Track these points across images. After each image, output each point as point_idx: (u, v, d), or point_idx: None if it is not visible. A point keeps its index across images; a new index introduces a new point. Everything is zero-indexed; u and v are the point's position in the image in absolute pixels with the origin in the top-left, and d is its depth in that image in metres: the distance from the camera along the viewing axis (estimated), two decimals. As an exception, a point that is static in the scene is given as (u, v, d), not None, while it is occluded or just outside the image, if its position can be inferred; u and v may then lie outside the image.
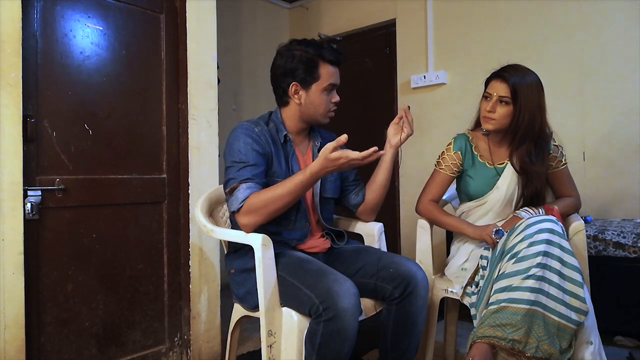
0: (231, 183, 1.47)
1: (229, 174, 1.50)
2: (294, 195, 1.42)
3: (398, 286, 1.49)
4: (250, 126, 1.55)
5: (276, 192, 1.41)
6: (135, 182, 1.94)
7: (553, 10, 2.67)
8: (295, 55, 1.54)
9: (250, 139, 1.52)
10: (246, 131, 1.53)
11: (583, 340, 1.40)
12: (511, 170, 1.70)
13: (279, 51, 1.59)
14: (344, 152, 1.33)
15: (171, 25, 2.07)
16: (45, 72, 1.70)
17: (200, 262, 2.11)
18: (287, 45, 1.59)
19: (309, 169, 1.39)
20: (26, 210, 1.62)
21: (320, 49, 1.54)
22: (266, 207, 1.42)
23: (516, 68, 1.66)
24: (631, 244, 2.03)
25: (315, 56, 1.54)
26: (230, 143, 1.54)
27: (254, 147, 1.51)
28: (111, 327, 1.87)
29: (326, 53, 1.54)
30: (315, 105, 1.57)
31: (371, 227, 1.82)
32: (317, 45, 1.56)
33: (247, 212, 1.43)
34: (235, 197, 1.45)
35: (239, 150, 1.50)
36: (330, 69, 1.56)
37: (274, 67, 1.59)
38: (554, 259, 1.39)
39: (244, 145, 1.51)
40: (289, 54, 1.55)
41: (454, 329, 1.96)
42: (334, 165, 1.36)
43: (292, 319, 1.40)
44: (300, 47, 1.55)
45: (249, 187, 1.45)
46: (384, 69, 3.49)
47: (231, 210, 1.47)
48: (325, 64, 1.55)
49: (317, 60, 1.54)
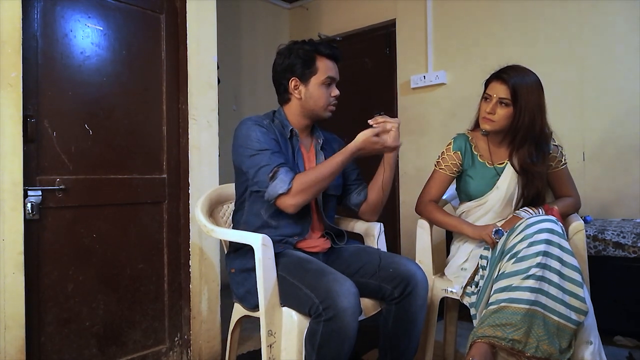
0: (268, 169, 1.48)
1: (260, 161, 1.50)
2: (335, 174, 1.51)
3: (398, 286, 1.49)
4: (259, 119, 1.60)
5: (322, 172, 1.49)
6: (135, 182, 1.94)
7: (553, 10, 2.67)
8: (293, 52, 1.60)
9: (264, 128, 1.56)
10: (256, 123, 1.57)
11: (583, 340, 1.40)
12: (511, 170, 1.71)
13: (279, 51, 1.66)
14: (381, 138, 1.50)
15: (171, 25, 2.08)
16: (45, 72, 1.70)
17: (200, 262, 2.11)
18: (286, 46, 1.65)
19: (348, 150, 1.50)
20: (26, 210, 1.62)
21: (316, 45, 1.61)
22: (315, 185, 1.48)
23: (516, 69, 1.66)
24: (631, 244, 2.03)
25: (312, 51, 1.59)
26: (243, 135, 1.55)
27: (270, 136, 1.55)
28: (111, 327, 1.87)
29: (322, 48, 1.60)
30: (314, 98, 1.60)
31: (371, 227, 1.82)
32: (314, 42, 1.62)
33: (297, 192, 1.46)
34: (281, 180, 1.46)
35: (259, 140, 1.52)
36: (328, 62, 1.61)
37: (275, 66, 1.65)
38: (554, 258, 1.40)
39: (261, 135, 1.53)
40: (287, 53, 1.61)
41: (454, 328, 1.96)
42: (371, 148, 1.49)
43: (292, 318, 1.41)
44: (297, 45, 1.62)
45: (289, 170, 1.49)
46: (384, 69, 3.49)
47: (279, 192, 1.46)
48: (322, 57, 1.60)
49: (314, 54, 1.59)
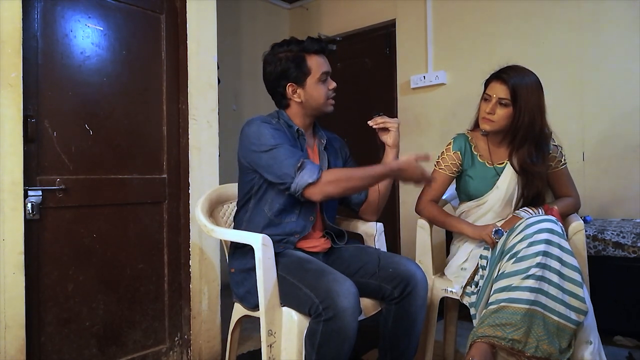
0: (293, 160, 1.46)
1: (282, 154, 1.47)
2: (366, 181, 1.50)
3: (397, 286, 1.49)
4: (266, 118, 1.59)
5: (353, 172, 1.49)
6: (135, 182, 1.94)
7: (553, 10, 2.67)
8: (282, 57, 1.58)
9: (273, 126, 1.55)
10: (265, 121, 1.56)
11: (582, 340, 1.40)
12: (511, 170, 1.71)
13: (265, 60, 1.63)
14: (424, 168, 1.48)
15: (171, 25, 2.08)
16: (45, 73, 1.70)
17: (200, 262, 2.11)
18: (270, 52, 1.62)
19: (388, 165, 1.52)
20: (27, 210, 1.62)
21: (301, 44, 1.59)
22: (344, 181, 1.46)
23: (515, 69, 1.66)
24: (630, 243, 2.03)
25: (300, 52, 1.58)
26: (254, 132, 1.53)
27: (280, 133, 1.54)
28: (111, 327, 1.87)
29: (308, 45, 1.58)
30: (315, 97, 1.60)
31: (371, 227, 1.82)
32: (298, 41, 1.60)
33: (326, 182, 1.44)
34: (310, 169, 1.44)
35: (272, 135, 1.51)
36: (318, 59, 1.60)
37: (266, 75, 1.63)
38: (554, 258, 1.40)
39: (273, 131, 1.52)
40: (275, 59, 1.59)
41: (454, 328, 1.96)
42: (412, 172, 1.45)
43: (292, 318, 1.41)
44: (282, 49, 1.59)
45: (314, 163, 1.49)
46: (383, 69, 3.49)
47: (309, 181, 1.43)
48: (312, 55, 1.59)
49: (302, 55, 1.58)
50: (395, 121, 1.67)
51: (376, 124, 1.67)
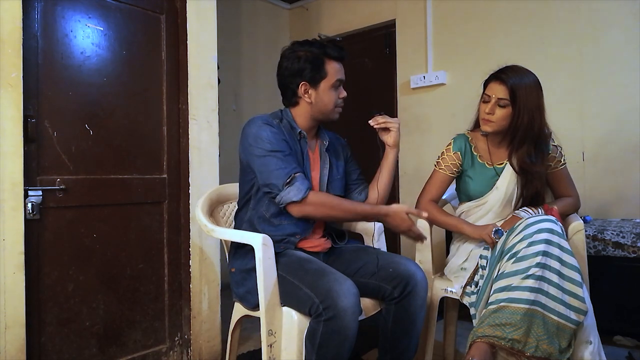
0: (283, 172, 1.47)
1: (273, 163, 1.48)
2: (350, 214, 1.55)
3: (397, 286, 1.50)
4: (268, 119, 1.58)
5: (340, 202, 1.54)
6: (135, 182, 1.94)
7: (553, 11, 2.68)
8: (301, 56, 1.57)
9: (274, 128, 1.54)
10: (266, 122, 1.55)
11: (582, 340, 1.40)
12: (510, 171, 1.71)
13: (283, 54, 1.62)
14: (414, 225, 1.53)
15: (171, 25, 2.08)
16: (46, 73, 1.70)
17: (200, 262, 2.11)
18: (290, 47, 1.61)
19: (376, 207, 1.55)
20: (27, 210, 1.62)
21: (324, 47, 1.58)
22: (327, 206, 1.50)
23: (515, 69, 1.66)
24: (630, 243, 2.03)
25: (321, 54, 1.57)
26: (254, 133, 1.53)
27: (280, 137, 1.53)
28: (112, 327, 1.87)
29: (330, 50, 1.58)
30: (325, 102, 1.60)
31: (371, 226, 1.82)
32: (320, 43, 1.59)
33: (309, 203, 1.47)
34: (297, 187, 1.46)
35: (270, 140, 1.51)
36: (336, 65, 1.60)
37: (281, 70, 1.62)
38: (554, 258, 1.40)
39: (272, 135, 1.52)
40: (294, 56, 1.58)
41: (454, 328, 1.96)
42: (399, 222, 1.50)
43: (292, 318, 1.41)
44: (304, 48, 1.58)
45: (305, 178, 1.50)
46: (383, 70, 3.49)
47: (293, 199, 1.46)
48: (331, 60, 1.58)
49: (322, 58, 1.57)
50: (396, 121, 1.68)
51: (377, 123, 1.67)
